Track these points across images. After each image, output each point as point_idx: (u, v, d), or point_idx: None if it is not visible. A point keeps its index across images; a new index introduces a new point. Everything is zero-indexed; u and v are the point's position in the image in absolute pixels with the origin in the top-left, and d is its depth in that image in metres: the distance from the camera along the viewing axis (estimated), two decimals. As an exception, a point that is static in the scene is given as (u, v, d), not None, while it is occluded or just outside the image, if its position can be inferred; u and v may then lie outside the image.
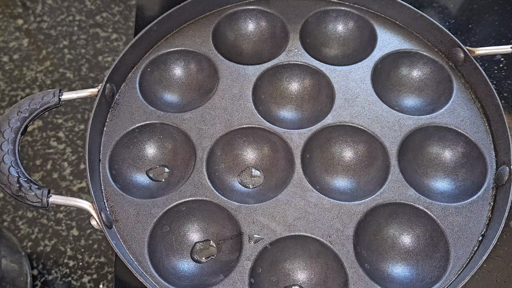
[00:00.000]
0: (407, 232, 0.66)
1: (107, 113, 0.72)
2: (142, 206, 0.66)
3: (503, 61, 0.88)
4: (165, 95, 0.77)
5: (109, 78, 0.71)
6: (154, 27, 0.76)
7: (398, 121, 0.71)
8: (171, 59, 0.78)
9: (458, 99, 0.73)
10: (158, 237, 0.65)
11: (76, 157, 0.88)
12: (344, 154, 0.72)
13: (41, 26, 1.05)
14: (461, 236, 0.63)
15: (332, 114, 0.72)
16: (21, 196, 0.61)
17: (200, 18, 0.82)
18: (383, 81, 0.77)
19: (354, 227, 0.64)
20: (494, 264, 0.71)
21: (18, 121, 0.65)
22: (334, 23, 0.83)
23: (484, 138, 0.70)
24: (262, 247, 0.63)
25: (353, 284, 0.61)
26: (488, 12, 0.94)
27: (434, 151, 0.71)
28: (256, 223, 0.64)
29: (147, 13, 0.95)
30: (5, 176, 0.61)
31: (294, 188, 0.67)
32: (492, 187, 0.67)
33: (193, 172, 0.68)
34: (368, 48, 0.79)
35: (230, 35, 0.82)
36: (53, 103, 0.68)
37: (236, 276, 0.61)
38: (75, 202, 0.62)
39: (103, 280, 0.78)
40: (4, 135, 0.64)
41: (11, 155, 0.63)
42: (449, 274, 0.61)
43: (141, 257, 0.62)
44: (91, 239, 0.81)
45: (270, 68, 0.76)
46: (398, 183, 0.67)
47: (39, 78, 0.97)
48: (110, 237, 0.61)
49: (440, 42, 0.77)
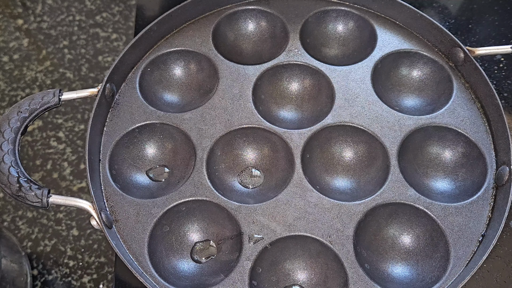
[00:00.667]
0: (407, 232, 0.66)
1: (107, 113, 0.72)
2: (142, 206, 0.66)
3: (503, 61, 0.88)
4: (165, 95, 0.77)
5: (109, 78, 0.71)
6: (154, 27, 0.76)
7: (398, 121, 0.71)
8: (171, 59, 0.78)
9: (458, 99, 0.73)
10: (158, 237, 0.65)
11: (76, 157, 0.88)
12: (344, 154, 0.72)
13: (41, 26, 1.05)
14: (461, 236, 0.63)
15: (332, 114, 0.72)
16: (21, 196, 0.61)
17: (200, 18, 0.82)
18: (383, 81, 0.77)
19: (354, 227, 0.64)
20: (494, 264, 0.71)
21: (18, 121, 0.65)
22: (334, 23, 0.83)
23: (484, 138, 0.70)
24: (262, 247, 0.63)
25: (353, 284, 0.61)
26: (488, 12, 0.94)
27: (434, 151, 0.71)
28: (256, 223, 0.64)
29: (147, 13, 0.95)
30: (5, 176, 0.61)
31: (294, 188, 0.67)
32: (492, 187, 0.67)
33: (193, 172, 0.68)
34: (368, 48, 0.79)
35: (230, 35, 0.82)
36: (53, 103, 0.68)
37: (236, 276, 0.61)
38: (75, 202, 0.62)
39: (103, 280, 0.78)
40: (4, 135, 0.64)
41: (11, 155, 0.63)
42: (449, 274, 0.61)
43: (141, 257, 0.62)
44: (91, 239, 0.81)
45: (270, 68, 0.76)
46: (398, 183, 0.67)
47: (39, 78, 0.97)
48: (110, 237, 0.61)
49: (440, 42, 0.77)
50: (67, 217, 0.87)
